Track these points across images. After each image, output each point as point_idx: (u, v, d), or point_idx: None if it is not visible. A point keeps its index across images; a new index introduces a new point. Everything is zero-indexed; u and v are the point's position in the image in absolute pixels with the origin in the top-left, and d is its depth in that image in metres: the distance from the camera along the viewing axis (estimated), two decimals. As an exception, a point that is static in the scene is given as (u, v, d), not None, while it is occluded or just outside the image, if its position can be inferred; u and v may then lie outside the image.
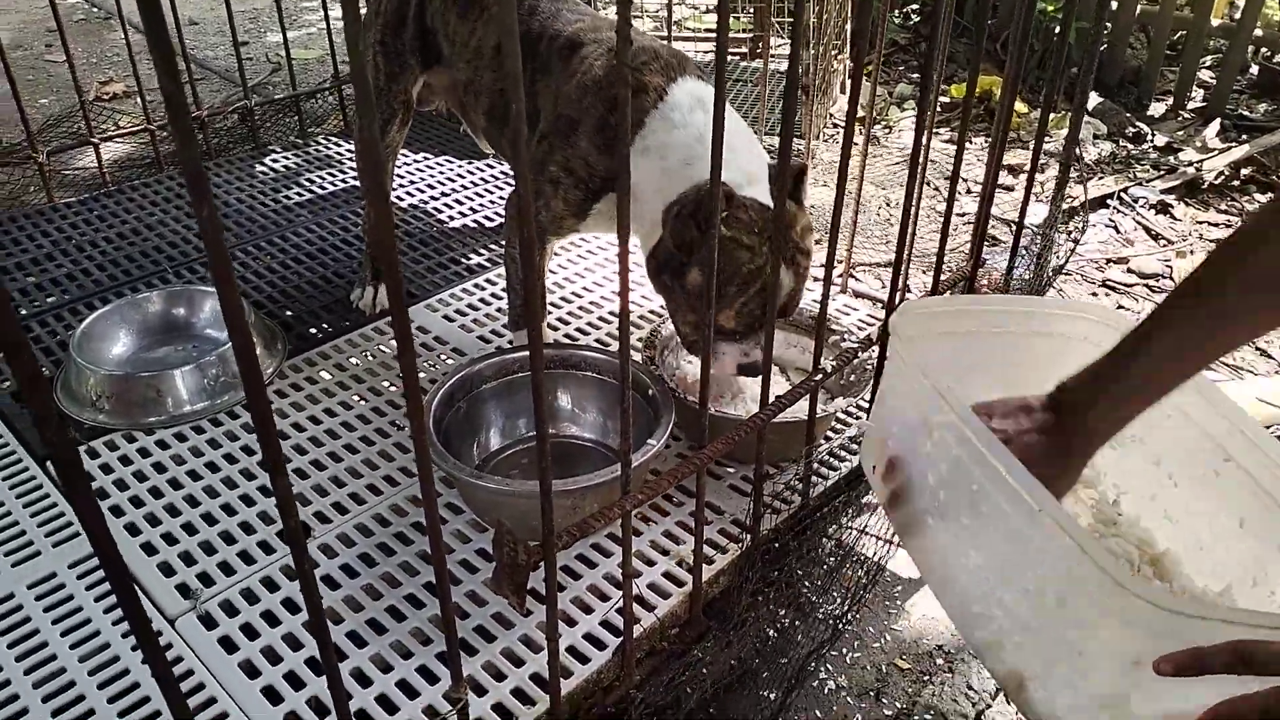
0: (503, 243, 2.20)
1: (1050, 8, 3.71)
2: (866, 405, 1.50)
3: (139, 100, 2.45)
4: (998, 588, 0.96)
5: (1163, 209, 3.06)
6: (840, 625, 1.63)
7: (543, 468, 0.95)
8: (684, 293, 1.40)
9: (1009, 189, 3.14)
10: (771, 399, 1.25)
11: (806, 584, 1.76)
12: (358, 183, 2.45)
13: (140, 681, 1.20)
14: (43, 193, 2.32)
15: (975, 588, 0.99)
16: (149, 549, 1.38)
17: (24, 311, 1.92)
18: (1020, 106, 3.45)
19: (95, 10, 4.58)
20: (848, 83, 3.64)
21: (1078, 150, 1.92)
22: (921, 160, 1.35)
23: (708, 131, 1.39)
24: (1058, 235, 1.98)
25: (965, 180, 3.19)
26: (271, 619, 1.28)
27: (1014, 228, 1.73)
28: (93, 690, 1.18)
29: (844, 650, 1.68)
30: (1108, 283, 2.75)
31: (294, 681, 1.20)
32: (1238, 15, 3.54)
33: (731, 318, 1.38)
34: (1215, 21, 3.51)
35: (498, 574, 1.02)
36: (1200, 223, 3.00)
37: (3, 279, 1.84)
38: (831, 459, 1.56)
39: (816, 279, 1.47)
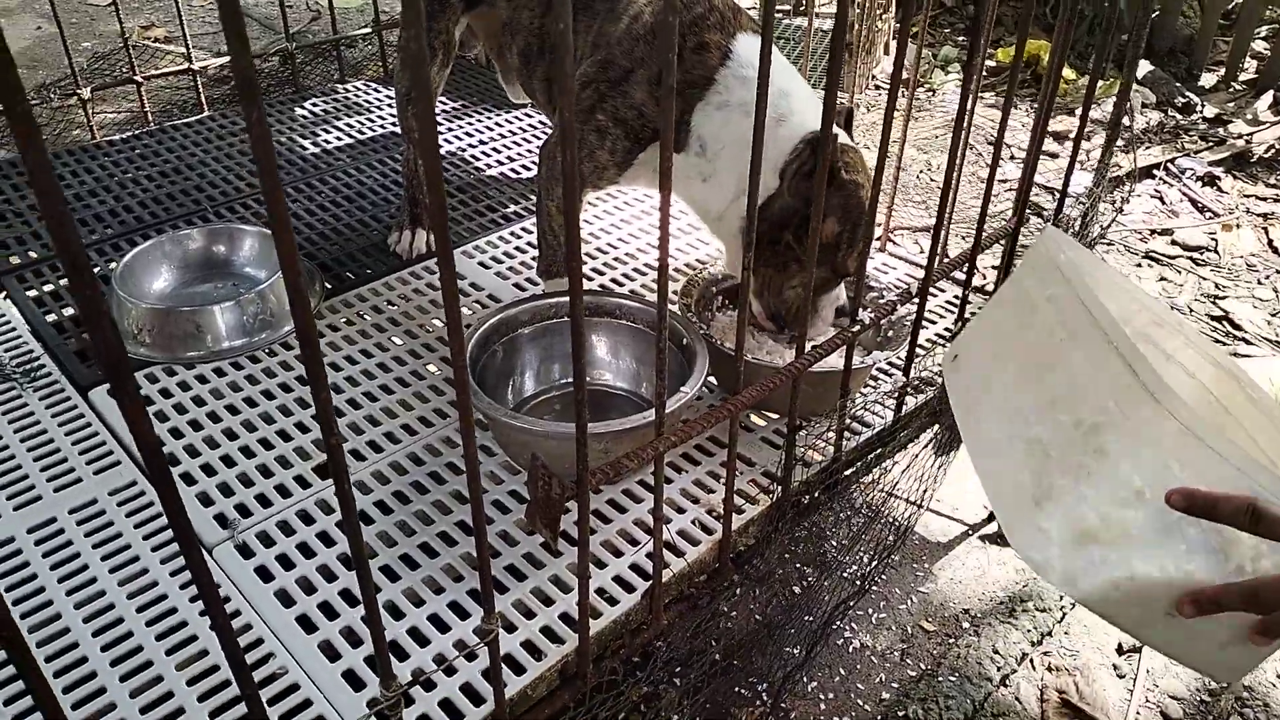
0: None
1: (1103, -29, 3.62)
2: (902, 362, 1.49)
3: (179, 45, 2.45)
4: (1032, 418, 0.94)
5: (1210, 181, 3.00)
6: (866, 584, 1.64)
7: (579, 408, 0.96)
8: (803, 249, 1.40)
9: (1054, 156, 3.09)
10: (807, 349, 1.24)
11: (834, 541, 1.77)
12: (397, 128, 2.45)
13: (178, 606, 1.22)
14: (85, 131, 2.34)
15: (1009, 420, 0.97)
16: (188, 479, 1.41)
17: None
18: (1068, 73, 3.38)
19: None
20: (891, 43, 3.58)
21: (1125, 119, 1.88)
22: (966, 124, 1.33)
23: (786, 90, 1.41)
24: (1101, 203, 1.95)
25: (1009, 145, 3.14)
26: (306, 550, 1.31)
27: (1057, 195, 1.70)
28: (131, 613, 1.21)
29: (869, 610, 1.69)
30: (1151, 254, 2.71)
31: (328, 611, 1.23)
32: (1298, -17, 3.45)
33: (855, 259, 1.41)
34: (1274, -11, 3.42)
35: (531, 509, 1.03)
36: (1247, 196, 2.94)
37: (66, 203, 1.86)
38: (866, 413, 1.55)
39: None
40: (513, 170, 2.31)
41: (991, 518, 1.88)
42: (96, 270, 1.84)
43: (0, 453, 1.45)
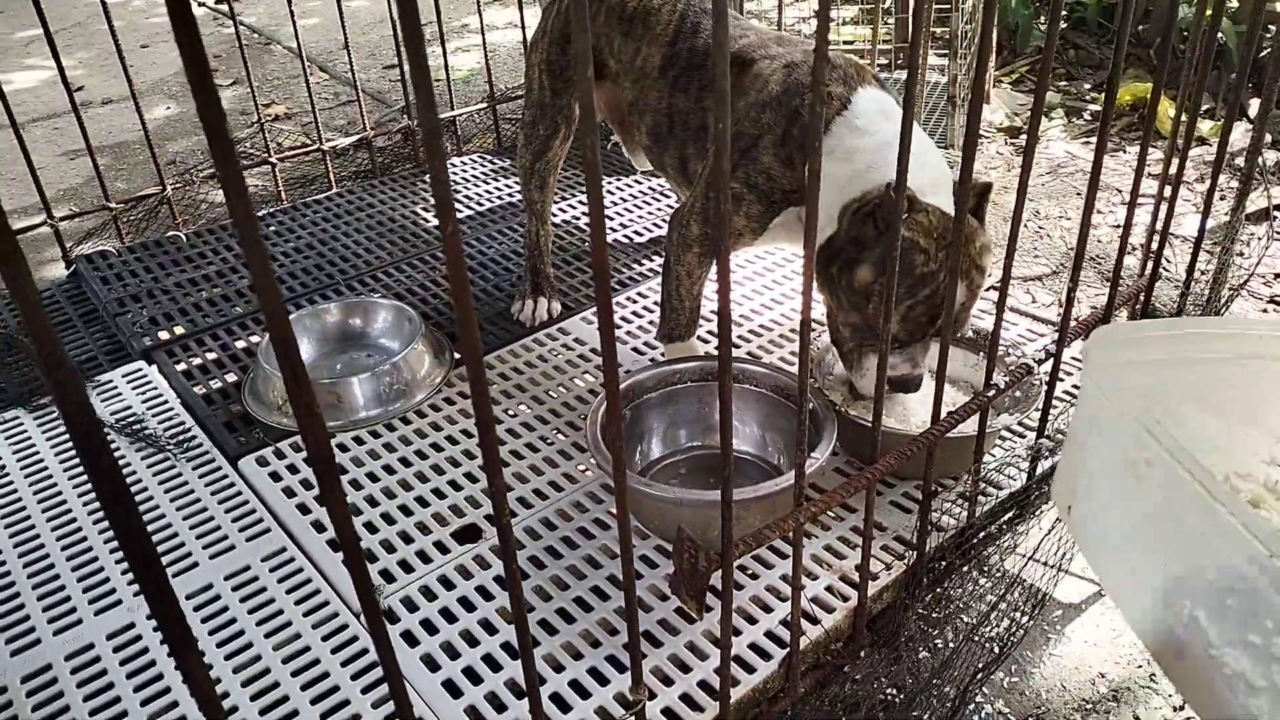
0: (657, 257, 2.24)
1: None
2: (1035, 423, 1.47)
3: (300, 120, 2.59)
4: (1219, 641, 0.90)
5: (1338, 221, 2.88)
6: (1004, 651, 1.60)
7: (726, 476, 0.97)
8: (849, 290, 1.41)
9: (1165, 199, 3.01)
10: (942, 415, 1.24)
11: (969, 605, 1.73)
12: (513, 199, 2.53)
13: (330, 671, 1.27)
14: (223, 208, 2.49)
15: (1194, 640, 0.91)
16: (334, 545, 1.47)
17: (212, 320, 2.07)
18: (1172, 112, 3.31)
19: (255, 35, 4.87)
20: (992, 91, 3.56)
21: (1259, 160, 1.83)
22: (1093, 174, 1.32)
23: (894, 139, 1.41)
24: (1237, 244, 1.89)
25: (1118, 191, 3.07)
26: (449, 615, 1.34)
27: (1191, 243, 1.66)
28: (286, 678, 1.26)
29: (1001, 675, 1.64)
30: (1276, 298, 2.61)
31: (472, 677, 1.26)
32: None
33: (897, 320, 1.39)
34: (1400, 21, 3.29)
35: (676, 580, 1.04)
36: (1381, 236, 2.81)
37: (272, 275, 1.97)
38: (998, 476, 1.53)
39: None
40: (629, 235, 2.36)
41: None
42: (240, 344, 1.94)
43: (157, 521, 1.53)
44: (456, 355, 1.90)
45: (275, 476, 1.61)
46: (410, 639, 1.31)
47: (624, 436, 1.55)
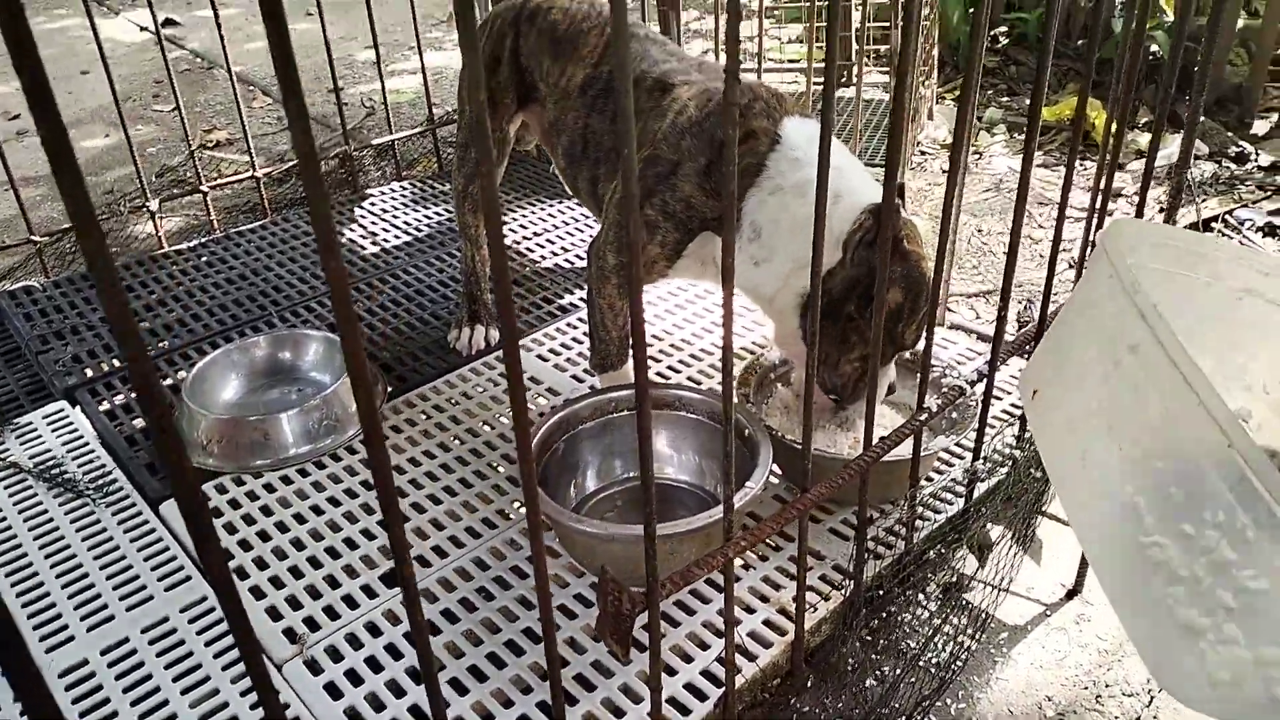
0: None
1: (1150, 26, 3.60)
2: (971, 445, 1.45)
3: (241, 147, 2.54)
4: (1153, 528, 0.86)
5: (1270, 231, 2.92)
6: (947, 678, 1.58)
7: (648, 515, 0.94)
8: (869, 323, 1.40)
9: (1109, 214, 3.04)
10: (875, 439, 1.22)
11: (910, 631, 1.71)
12: (452, 224, 2.49)
13: (251, 725, 1.22)
14: (153, 239, 2.43)
15: (1128, 526, 0.89)
16: (257, 593, 1.41)
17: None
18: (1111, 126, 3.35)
19: (199, 60, 4.79)
20: (935, 108, 3.58)
21: (1187, 175, 1.85)
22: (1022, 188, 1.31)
23: (839, 167, 1.41)
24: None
25: (1054, 204, 3.10)
26: (375, 664, 1.30)
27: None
28: (206, 733, 1.21)
29: (948, 701, 1.62)
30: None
31: (398, 728, 1.21)
32: (1350, 27, 3.39)
33: (915, 331, 1.44)
34: (1325, 34, 3.37)
35: (601, 623, 1.01)
36: (1315, 245, 2.86)
37: (134, 320, 1.90)
38: (936, 501, 1.52)
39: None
40: (568, 260, 2.33)
41: (1069, 596, 1.81)
42: (167, 381, 1.89)
43: (74, 571, 1.47)
44: (390, 388, 1.85)
45: (198, 520, 1.55)
46: (334, 691, 1.26)
47: (559, 470, 1.52)
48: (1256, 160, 3.26)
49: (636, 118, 1.56)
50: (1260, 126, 3.49)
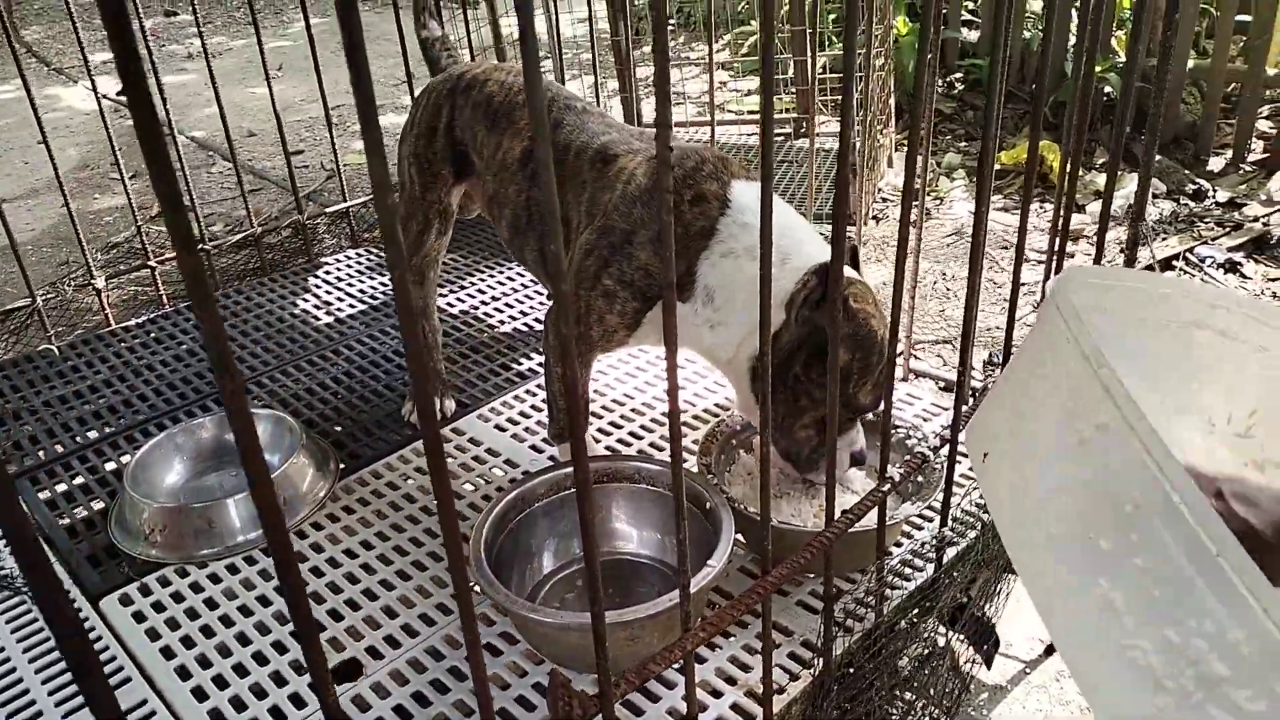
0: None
1: (1099, 69, 3.65)
2: (938, 510, 1.42)
3: (204, 215, 2.50)
4: (1133, 631, 0.80)
5: (1231, 268, 2.94)
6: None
7: (595, 614, 0.90)
8: (816, 384, 1.38)
9: (1070, 256, 3.05)
10: (837, 513, 1.18)
11: (887, 703, 1.66)
12: (407, 290, 2.45)
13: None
14: (100, 315, 2.37)
15: (1104, 625, 0.83)
16: (199, 694, 1.34)
17: (81, 440, 1.94)
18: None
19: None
20: (895, 156, 3.60)
21: (1143, 220, 1.84)
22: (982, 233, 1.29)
23: (787, 224, 1.41)
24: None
25: (1012, 246, 3.10)
26: (323, 769, 1.23)
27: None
28: None
29: (930, 768, 1.57)
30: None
31: (347, 840, 1.14)
32: (1296, 64, 3.45)
33: (869, 392, 1.41)
34: (1271, 70, 3.42)
35: (553, 729, 0.96)
36: (1272, 280, 2.88)
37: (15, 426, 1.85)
38: (904, 568, 1.47)
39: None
40: (526, 325, 2.29)
41: (1048, 653, 1.77)
42: (110, 466, 1.82)
43: (8, 676, 1.39)
44: (342, 465, 1.79)
45: (139, 617, 1.48)
46: (280, 800, 1.19)
47: (514, 550, 1.46)
48: (1214, 197, 3.29)
49: (580, 189, 1.54)
50: (1216, 163, 3.53)
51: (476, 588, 1.31)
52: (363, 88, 0.56)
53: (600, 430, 1.88)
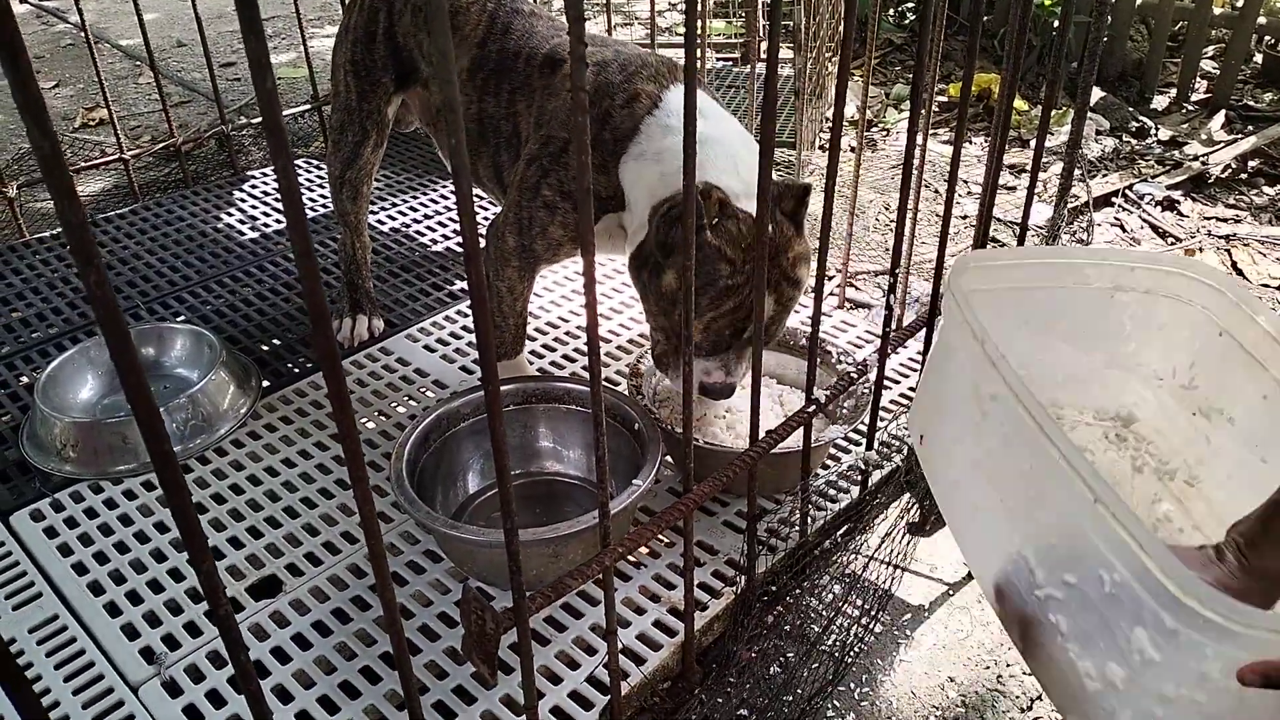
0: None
1: (1047, 2, 3.63)
2: (865, 431, 1.42)
3: (129, 125, 2.38)
4: (1040, 570, 0.88)
5: (1169, 205, 2.97)
6: (847, 659, 1.56)
7: (508, 530, 0.88)
8: (657, 295, 1.34)
9: (1011, 189, 3.06)
10: (762, 433, 1.17)
11: (809, 617, 1.68)
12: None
13: (99, 758, 1.13)
14: (12, 228, 2.26)
15: (1014, 568, 0.91)
16: (113, 609, 1.31)
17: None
18: (1020, 104, 3.37)
19: (82, 34, 4.53)
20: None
21: (1081, 148, 1.84)
22: (918, 162, 1.28)
23: (710, 137, 1.34)
24: (1063, 236, 1.91)
25: (965, 182, 3.11)
26: (238, 685, 1.21)
27: (1017, 229, 1.65)
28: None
29: (852, 685, 1.60)
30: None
31: (262, 754, 1.13)
32: (1240, 3, 3.46)
33: (699, 330, 1.31)
34: (1217, 10, 3.43)
35: (466, 643, 0.95)
36: (1208, 218, 2.92)
37: None
38: (830, 490, 1.48)
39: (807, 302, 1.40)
40: (458, 244, 2.24)
41: (971, 575, 1.80)
42: (25, 381, 1.75)
43: (-88, 592, 1.35)
44: (265, 383, 1.75)
45: (51, 532, 1.44)
46: (194, 715, 1.17)
47: (438, 471, 1.44)
48: (1156, 135, 3.32)
49: (530, 98, 1.49)
50: (1160, 101, 3.54)
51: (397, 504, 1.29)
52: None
53: (534, 352, 1.85)
